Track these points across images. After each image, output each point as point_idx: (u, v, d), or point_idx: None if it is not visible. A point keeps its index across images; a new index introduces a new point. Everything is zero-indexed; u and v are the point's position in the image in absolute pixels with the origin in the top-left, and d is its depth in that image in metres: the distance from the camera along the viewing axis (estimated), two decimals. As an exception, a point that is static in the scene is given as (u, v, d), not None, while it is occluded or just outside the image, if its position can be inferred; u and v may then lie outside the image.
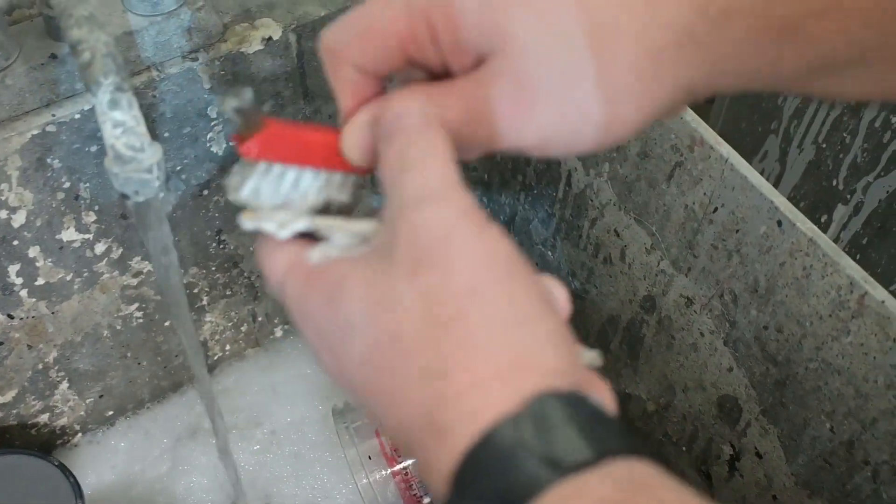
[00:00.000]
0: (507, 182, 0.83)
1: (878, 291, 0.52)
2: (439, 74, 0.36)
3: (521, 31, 0.32)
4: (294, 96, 0.71)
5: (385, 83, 0.37)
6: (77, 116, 0.61)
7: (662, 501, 0.26)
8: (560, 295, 0.33)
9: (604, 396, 0.31)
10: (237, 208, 0.37)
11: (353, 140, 0.36)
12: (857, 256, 0.54)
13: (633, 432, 0.31)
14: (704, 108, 0.61)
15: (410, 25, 0.34)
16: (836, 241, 0.55)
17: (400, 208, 0.31)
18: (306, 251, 0.35)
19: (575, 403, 0.29)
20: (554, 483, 0.27)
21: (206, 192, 0.72)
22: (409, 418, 0.30)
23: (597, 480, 0.27)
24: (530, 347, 0.30)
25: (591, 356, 0.37)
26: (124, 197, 0.45)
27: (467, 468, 0.28)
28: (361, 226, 0.36)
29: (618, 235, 0.70)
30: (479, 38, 0.33)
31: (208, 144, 0.69)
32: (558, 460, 0.27)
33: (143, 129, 0.43)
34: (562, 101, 0.33)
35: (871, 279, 0.52)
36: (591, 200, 0.72)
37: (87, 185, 0.65)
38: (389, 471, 0.76)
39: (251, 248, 0.78)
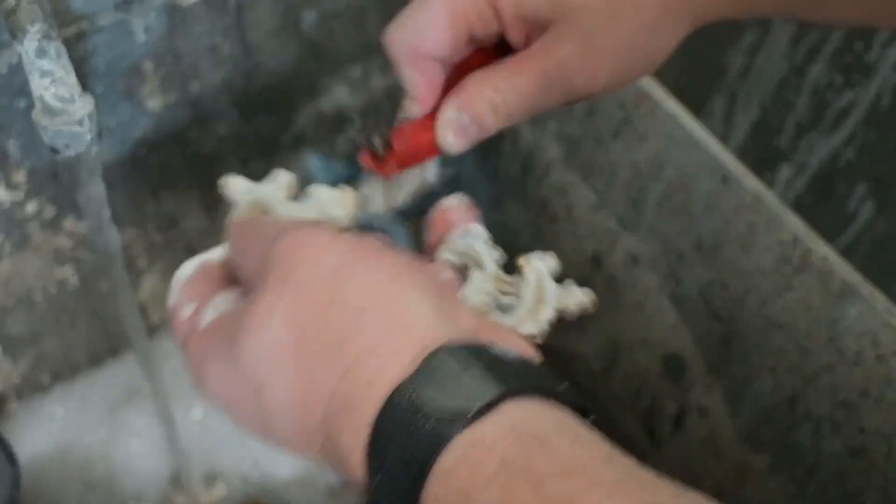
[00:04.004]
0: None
1: (820, 247, 0.53)
2: (487, 49, 0.40)
3: None
4: (233, 51, 0.69)
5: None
6: (3, 71, 0.58)
7: (558, 453, 0.26)
8: (447, 276, 0.36)
9: (514, 345, 0.32)
10: (176, 166, 0.37)
11: (450, 132, 0.39)
12: (801, 215, 0.54)
13: (547, 370, 0.31)
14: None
15: (476, 7, 0.38)
16: (780, 199, 0.55)
17: (264, 253, 0.33)
18: (198, 318, 0.36)
19: (471, 353, 0.29)
20: (452, 440, 0.27)
21: (142, 150, 0.70)
22: (318, 412, 0.30)
23: (496, 433, 0.27)
24: (414, 312, 0.31)
25: (582, 293, 0.38)
26: (54, 151, 0.43)
27: (376, 442, 0.29)
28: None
29: (564, 194, 0.70)
30: (542, 8, 0.37)
31: (144, 100, 0.67)
32: (456, 413, 0.27)
33: (73, 79, 0.41)
34: (620, 47, 0.38)
35: (814, 235, 0.53)
36: (537, 158, 0.72)
37: (17, 141, 0.62)
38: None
39: (191, 208, 0.77)
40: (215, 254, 0.40)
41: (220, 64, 0.69)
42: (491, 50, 0.40)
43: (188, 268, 0.39)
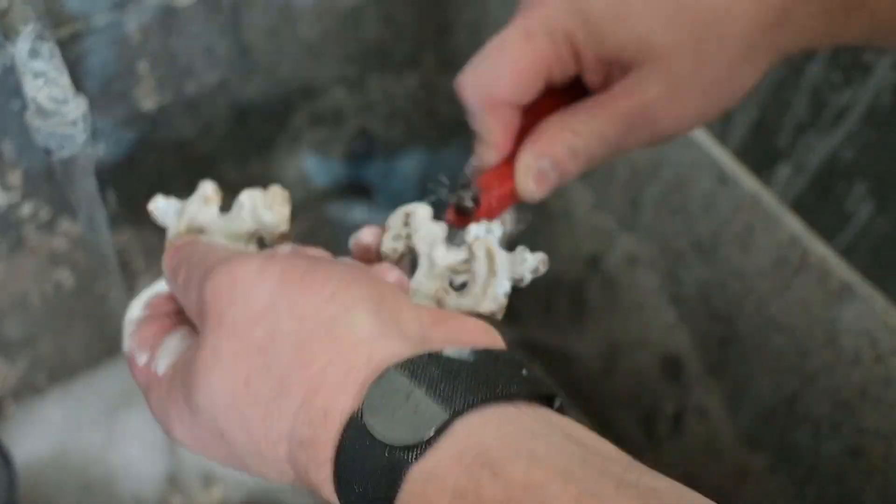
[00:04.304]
0: (449, 142, 0.82)
1: (819, 247, 0.52)
2: (558, 90, 0.39)
3: (661, 38, 0.36)
4: (229, 52, 0.69)
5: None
6: (-2, 71, 0.58)
7: (510, 479, 0.25)
8: (392, 277, 0.35)
9: (468, 337, 0.31)
10: (171, 167, 0.36)
11: (531, 180, 0.38)
12: (800, 215, 0.54)
13: (506, 359, 0.30)
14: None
15: (555, 50, 0.37)
16: (779, 199, 0.55)
17: (199, 294, 0.32)
18: (153, 365, 0.35)
19: (418, 367, 0.28)
20: (407, 473, 0.26)
21: (137, 152, 0.70)
22: (283, 450, 0.30)
23: (446, 463, 0.26)
24: (356, 332, 0.30)
25: (533, 257, 0.36)
26: (48, 152, 0.43)
27: (340, 477, 0.28)
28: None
29: (562, 194, 0.70)
30: (626, 49, 0.36)
31: (139, 101, 0.66)
32: (408, 443, 0.27)
33: (66, 80, 0.41)
34: (706, 87, 0.37)
35: (813, 235, 0.53)
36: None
37: (12, 143, 0.62)
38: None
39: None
40: (160, 286, 0.39)
41: (216, 65, 0.69)
42: (562, 91, 0.39)
43: (136, 308, 0.38)
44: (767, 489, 0.61)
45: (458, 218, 0.38)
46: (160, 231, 0.77)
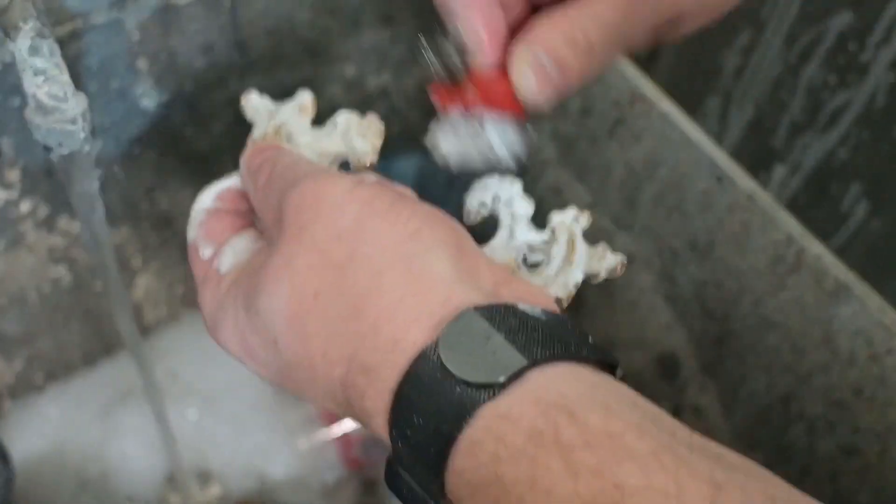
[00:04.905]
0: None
1: (814, 246, 0.53)
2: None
3: None
4: (228, 50, 0.69)
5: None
6: (-2, 68, 0.58)
7: (588, 424, 0.25)
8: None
9: (539, 302, 0.30)
10: (170, 165, 0.37)
11: (531, 76, 0.33)
12: (796, 214, 0.54)
13: (574, 326, 0.30)
14: (645, 66, 0.61)
15: None
16: (775, 199, 0.55)
17: (280, 202, 0.32)
18: (216, 261, 0.35)
19: (495, 315, 0.28)
20: (479, 410, 0.26)
21: (137, 149, 0.70)
22: (339, 371, 0.29)
23: (522, 405, 0.26)
24: (434, 272, 0.29)
25: (614, 257, 0.35)
26: (47, 150, 0.43)
27: (399, 408, 0.27)
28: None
29: (559, 193, 0.70)
30: None
31: (138, 99, 0.67)
32: (483, 382, 0.26)
33: (66, 77, 0.41)
34: None
35: (808, 234, 0.53)
36: (532, 158, 0.72)
37: (11, 140, 0.62)
38: (330, 433, 0.76)
39: (185, 207, 0.77)
40: (233, 181, 0.39)
41: (215, 62, 0.69)
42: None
43: (207, 198, 0.38)
44: (762, 488, 0.61)
45: (447, 95, 0.33)
46: (159, 229, 0.77)
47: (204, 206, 0.38)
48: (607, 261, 0.35)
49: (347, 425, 0.75)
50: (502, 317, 0.28)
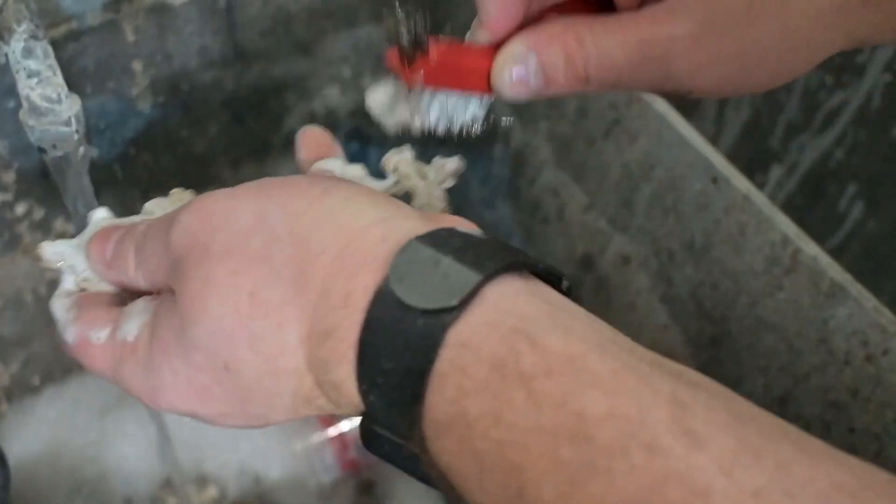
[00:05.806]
0: (443, 140, 0.82)
1: (810, 247, 0.53)
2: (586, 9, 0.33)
3: None
4: (223, 51, 0.69)
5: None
6: (-8, 70, 0.58)
7: (548, 349, 0.25)
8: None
9: (472, 227, 0.30)
10: (166, 167, 0.36)
11: (511, 70, 0.32)
12: (792, 215, 0.54)
13: (512, 246, 0.29)
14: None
15: None
16: (771, 200, 0.55)
17: (167, 246, 0.31)
18: (120, 333, 0.32)
19: (439, 239, 0.27)
20: (445, 338, 0.25)
21: (132, 151, 0.70)
22: (301, 356, 0.28)
23: (482, 329, 0.25)
24: (362, 218, 0.28)
25: (450, 160, 0.37)
26: (41, 151, 0.43)
27: (365, 358, 0.26)
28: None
29: (555, 194, 0.70)
30: None
31: (134, 101, 0.66)
32: (443, 305, 0.25)
33: (59, 79, 0.41)
34: (744, 43, 0.31)
35: (805, 235, 0.53)
36: (528, 159, 0.71)
37: (5, 142, 0.62)
38: (326, 435, 0.76)
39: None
40: (69, 284, 0.37)
41: (211, 64, 0.69)
42: (592, 4, 0.33)
43: (61, 306, 0.36)
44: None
45: (399, 63, 0.32)
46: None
47: (62, 313, 0.36)
48: (448, 166, 0.37)
49: (344, 427, 0.75)
50: (445, 240, 0.27)
